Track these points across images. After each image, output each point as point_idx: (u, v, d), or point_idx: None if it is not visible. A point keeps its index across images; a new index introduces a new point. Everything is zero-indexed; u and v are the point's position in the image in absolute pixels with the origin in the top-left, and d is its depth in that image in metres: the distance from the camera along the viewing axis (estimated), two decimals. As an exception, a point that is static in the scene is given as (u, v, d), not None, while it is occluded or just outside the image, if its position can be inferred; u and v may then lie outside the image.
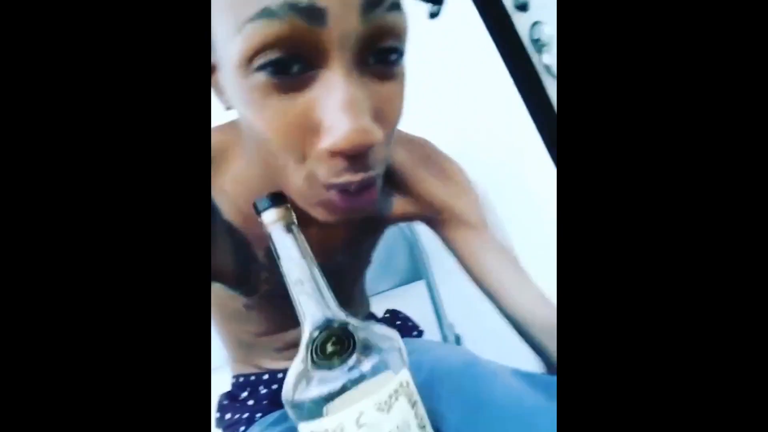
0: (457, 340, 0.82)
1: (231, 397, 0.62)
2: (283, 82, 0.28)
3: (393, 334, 0.31)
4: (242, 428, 0.57)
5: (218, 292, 0.50)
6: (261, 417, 0.58)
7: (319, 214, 0.34)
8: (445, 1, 0.40)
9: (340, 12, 0.26)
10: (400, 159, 0.50)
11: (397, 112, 0.32)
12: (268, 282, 0.47)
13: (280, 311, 0.51)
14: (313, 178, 0.31)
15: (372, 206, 0.34)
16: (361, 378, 0.27)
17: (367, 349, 0.28)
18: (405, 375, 0.29)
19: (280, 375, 0.59)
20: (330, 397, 0.27)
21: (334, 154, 0.29)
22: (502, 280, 0.49)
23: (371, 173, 0.31)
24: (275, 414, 0.56)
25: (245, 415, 0.58)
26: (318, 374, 0.28)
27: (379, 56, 0.29)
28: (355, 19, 0.27)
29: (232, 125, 0.43)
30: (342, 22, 0.27)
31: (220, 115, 0.37)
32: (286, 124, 0.29)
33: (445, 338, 0.83)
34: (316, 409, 0.27)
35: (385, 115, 0.31)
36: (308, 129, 0.29)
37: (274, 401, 0.58)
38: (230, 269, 0.45)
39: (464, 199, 0.52)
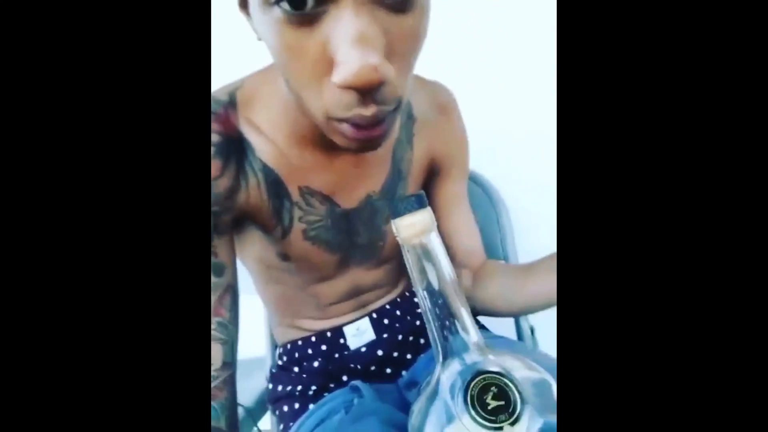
0: (532, 332, 0.73)
1: (281, 367, 0.62)
2: (299, 17, 0.29)
3: (543, 374, 0.28)
4: (296, 404, 0.57)
5: (253, 244, 0.51)
6: (314, 390, 0.58)
7: (337, 140, 0.35)
8: None
9: None
10: (423, 105, 0.53)
11: (413, 47, 0.32)
12: (303, 220, 0.48)
13: (317, 257, 0.51)
14: (330, 113, 0.32)
15: (384, 138, 0.35)
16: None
17: (530, 403, 0.25)
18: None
19: (328, 334, 0.58)
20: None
21: (344, 88, 0.30)
22: (457, 223, 0.58)
23: (383, 107, 0.32)
24: (326, 406, 0.55)
25: (298, 388, 0.58)
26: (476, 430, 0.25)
27: None
28: None
29: (268, 70, 0.46)
30: None
31: (255, 46, 0.38)
32: (303, 57, 0.30)
33: (520, 330, 0.73)
34: None
35: (400, 49, 0.31)
36: (322, 62, 0.30)
37: (325, 372, 0.58)
38: (264, 208, 0.47)
39: (464, 153, 0.59)
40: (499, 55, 0.79)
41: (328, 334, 0.58)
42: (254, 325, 0.70)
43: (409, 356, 0.60)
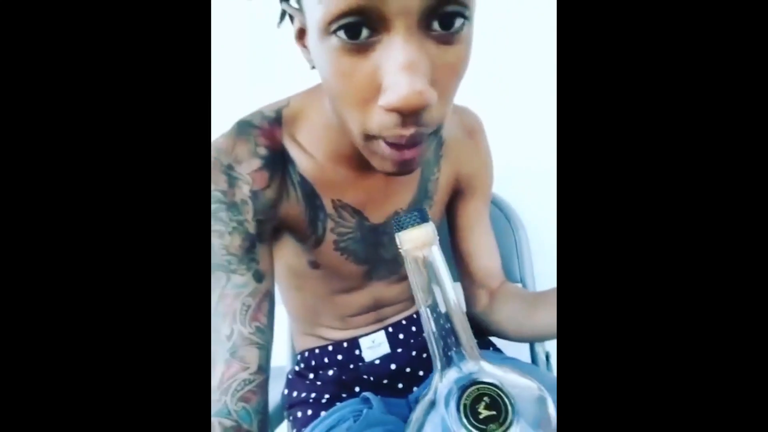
0: (547, 358, 0.72)
1: (297, 374, 0.64)
2: (354, 45, 0.32)
3: (540, 390, 0.29)
4: (309, 411, 0.59)
5: (286, 252, 0.54)
6: (328, 398, 0.59)
7: (375, 163, 0.38)
8: None
9: None
10: (451, 127, 0.57)
11: (456, 76, 0.35)
12: (335, 231, 0.51)
13: (344, 268, 0.54)
14: (370, 130, 0.35)
15: (418, 162, 0.37)
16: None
17: (522, 415, 0.26)
18: None
19: (345, 345, 0.60)
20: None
21: (390, 110, 0.32)
22: (478, 244, 0.60)
23: (421, 129, 0.34)
24: (336, 414, 0.57)
25: (312, 395, 0.60)
26: None
27: (443, 21, 0.32)
28: None
29: (312, 92, 0.49)
30: None
31: (307, 73, 0.43)
32: (354, 81, 0.33)
33: (534, 356, 0.72)
34: None
35: (443, 78, 0.33)
36: (371, 87, 0.33)
37: (338, 382, 0.59)
38: (301, 218, 0.50)
39: (488, 176, 0.61)
40: (524, 79, 0.80)
41: (345, 344, 0.60)
42: (277, 335, 0.72)
43: (421, 372, 0.60)
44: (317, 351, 0.62)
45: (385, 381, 0.59)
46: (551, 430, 0.27)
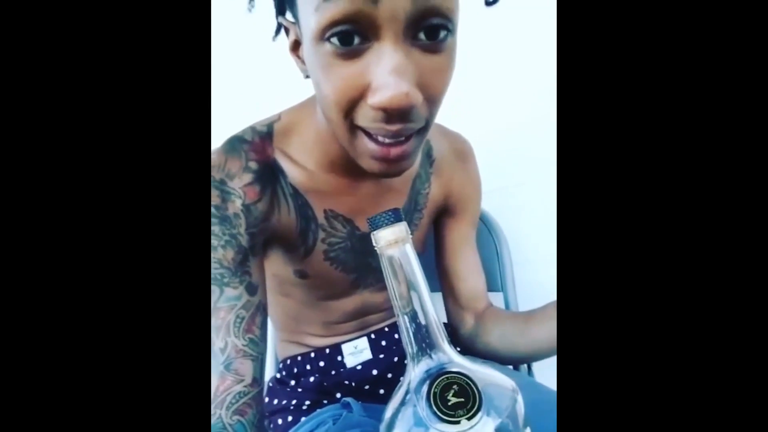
0: (529, 368, 0.70)
1: (278, 381, 0.64)
2: (346, 51, 0.34)
3: (510, 384, 0.30)
4: (289, 417, 0.59)
5: (272, 262, 0.54)
6: (308, 404, 0.59)
7: (364, 163, 0.40)
8: None
9: None
10: (442, 148, 0.59)
11: (441, 82, 0.38)
12: (325, 242, 0.52)
13: (332, 276, 0.55)
14: (356, 128, 0.38)
15: (407, 159, 0.39)
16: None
17: (490, 404, 0.27)
18: None
19: (327, 351, 0.61)
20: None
21: (376, 109, 0.35)
22: (465, 265, 0.61)
23: (407, 125, 0.37)
24: (316, 419, 0.57)
25: (293, 402, 0.60)
26: (437, 425, 0.27)
27: (428, 32, 0.35)
28: (405, 0, 0.32)
29: (302, 106, 0.52)
30: (393, 2, 0.32)
31: (300, 83, 0.45)
32: (344, 83, 0.36)
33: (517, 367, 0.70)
34: None
35: (429, 83, 0.36)
36: (361, 87, 0.36)
37: (320, 388, 0.60)
38: (293, 229, 0.51)
39: (476, 199, 0.63)
40: (499, 84, 0.81)
41: (327, 350, 0.61)
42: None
43: (402, 379, 0.61)
44: (299, 358, 0.62)
45: (366, 387, 0.59)
46: (519, 422, 0.28)
